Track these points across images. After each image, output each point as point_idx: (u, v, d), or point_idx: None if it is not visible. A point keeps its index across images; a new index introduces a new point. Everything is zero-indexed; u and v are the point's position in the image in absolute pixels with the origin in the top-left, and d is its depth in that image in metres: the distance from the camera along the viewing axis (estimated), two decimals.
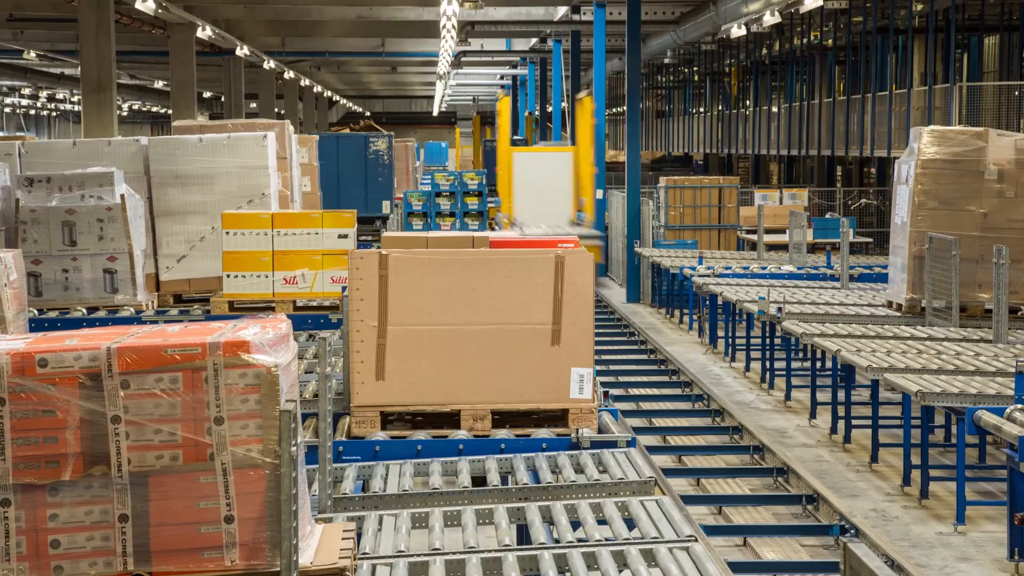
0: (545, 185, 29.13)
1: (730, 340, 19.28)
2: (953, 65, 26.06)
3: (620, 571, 6.05)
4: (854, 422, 14.29)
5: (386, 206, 24.27)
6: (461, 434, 8.58)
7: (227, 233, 13.87)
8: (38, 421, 5.07)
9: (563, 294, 8.33)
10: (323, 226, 13.99)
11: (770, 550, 10.54)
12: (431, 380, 8.38)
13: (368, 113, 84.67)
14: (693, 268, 21.08)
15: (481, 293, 8.36)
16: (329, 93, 67.42)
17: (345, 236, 14.04)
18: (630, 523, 6.72)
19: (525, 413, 8.48)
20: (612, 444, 8.22)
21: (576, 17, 33.78)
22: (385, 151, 23.10)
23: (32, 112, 77.85)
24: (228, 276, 13.83)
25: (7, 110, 72.65)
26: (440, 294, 8.37)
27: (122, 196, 13.48)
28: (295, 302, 13.81)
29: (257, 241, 13.91)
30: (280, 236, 13.91)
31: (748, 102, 41.69)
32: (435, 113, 77.33)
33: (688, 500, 10.78)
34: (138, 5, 24.71)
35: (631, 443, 8.25)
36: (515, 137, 40.70)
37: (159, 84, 60.67)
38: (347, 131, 32.22)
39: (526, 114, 46.08)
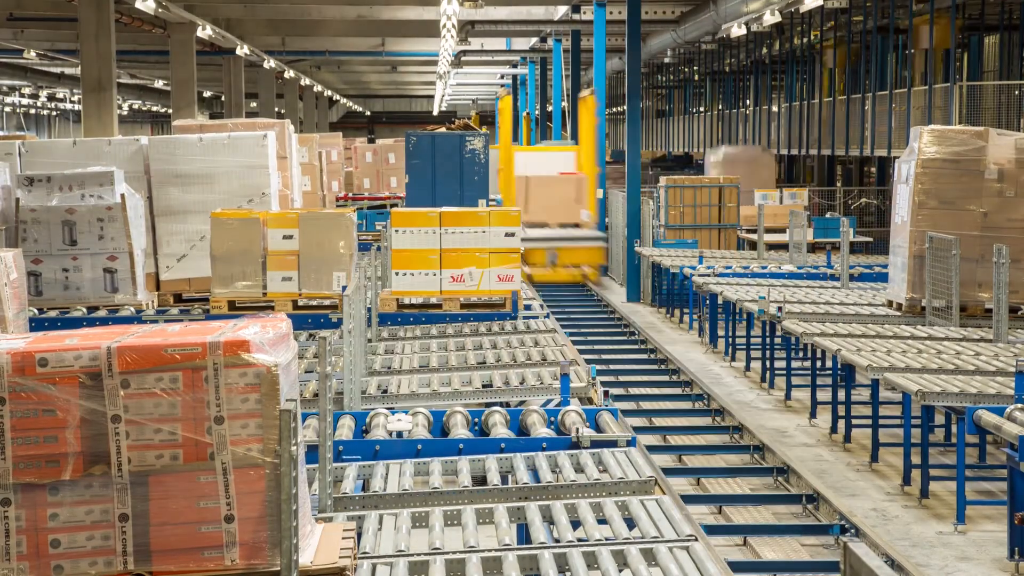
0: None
1: (730, 339, 19.27)
2: (953, 64, 26.05)
3: (620, 570, 6.05)
4: (854, 421, 14.29)
5: (482, 204, 24.42)
6: (462, 433, 8.59)
7: (396, 231, 14.00)
8: (38, 420, 5.07)
9: None
10: (490, 224, 14.12)
11: (770, 549, 10.54)
12: None
13: (368, 112, 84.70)
14: (693, 267, 21.07)
15: None
16: (329, 92, 67.42)
17: (512, 234, 14.19)
18: (630, 522, 6.72)
19: None
20: (612, 443, 8.22)
21: (576, 16, 33.79)
22: (481, 150, 23.11)
23: (32, 111, 77.85)
24: (396, 274, 13.98)
25: (7, 109, 72.65)
26: None
27: (122, 195, 13.48)
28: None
29: (425, 239, 14.02)
30: (448, 234, 14.03)
31: (748, 101, 41.70)
32: (435, 113, 77.32)
33: (688, 499, 10.78)
34: (138, 4, 24.71)
35: (631, 442, 8.25)
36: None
37: (159, 83, 60.70)
38: (443, 130, 32.16)
39: (524, 114, 46.06)
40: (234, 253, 13.71)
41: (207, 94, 65.99)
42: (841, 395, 14.37)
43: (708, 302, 20.52)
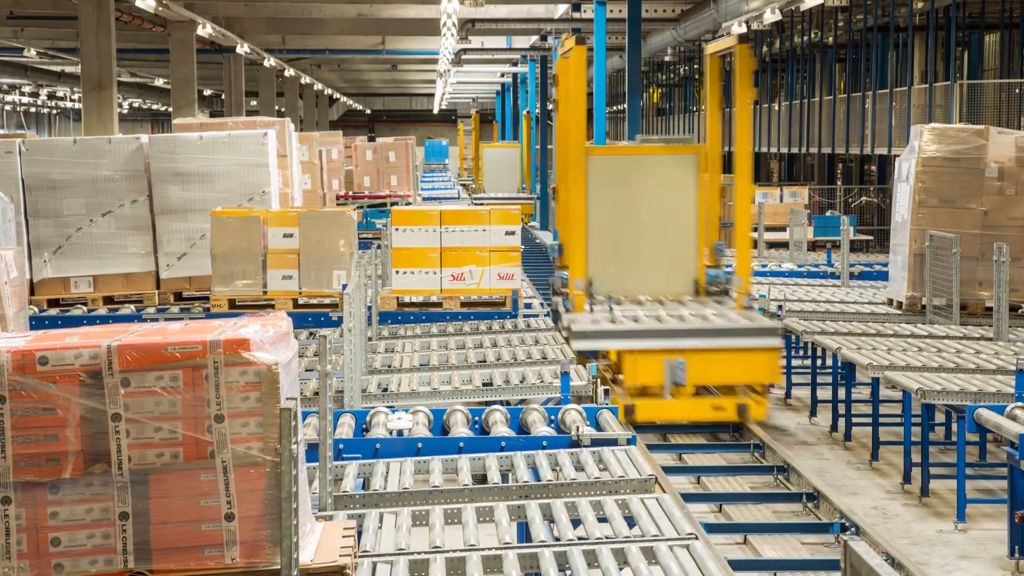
0: (652, 215, 15.73)
1: None
2: (953, 63, 26.05)
3: (620, 569, 6.05)
4: (854, 420, 14.28)
5: None
6: (462, 431, 8.59)
7: (396, 230, 14.02)
8: (38, 419, 5.07)
9: None
10: (491, 223, 14.13)
11: (770, 548, 10.54)
12: None
13: (369, 111, 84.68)
14: None
15: None
16: (329, 91, 67.40)
17: (512, 233, 14.18)
18: (630, 521, 6.72)
19: None
20: (612, 442, 8.22)
21: (576, 15, 33.78)
22: None
23: (32, 110, 77.83)
24: (396, 272, 14.00)
25: (7, 108, 72.64)
26: None
27: None
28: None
29: (425, 238, 14.03)
30: (448, 232, 14.05)
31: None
32: (435, 111, 77.31)
33: (688, 498, 10.78)
34: (138, 3, 24.70)
35: (631, 441, 8.25)
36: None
37: (159, 82, 60.69)
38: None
39: (523, 112, 46.08)
40: (234, 252, 13.71)
41: (207, 92, 65.98)
42: (841, 393, 14.37)
43: None
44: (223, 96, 50.45)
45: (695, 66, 48.09)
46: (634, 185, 15.30)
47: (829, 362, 15.89)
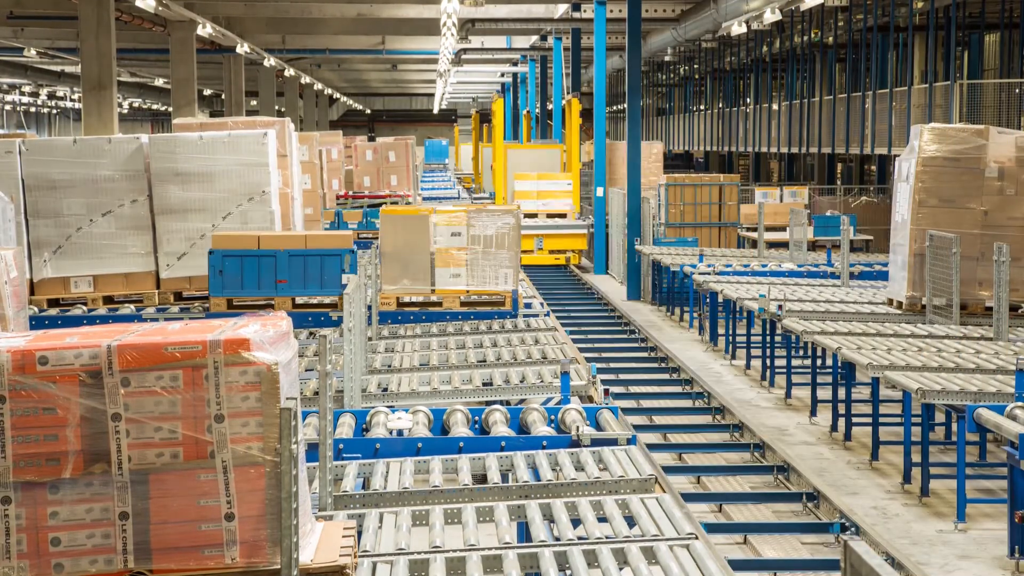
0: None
1: (730, 338, 19.27)
2: (953, 63, 26.05)
3: (620, 569, 6.05)
4: (854, 420, 14.29)
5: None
6: (462, 431, 8.59)
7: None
8: (38, 419, 5.07)
9: None
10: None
11: (770, 548, 10.54)
12: None
13: (368, 111, 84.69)
14: (693, 266, 21.07)
15: None
16: (329, 91, 67.41)
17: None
18: (630, 521, 6.71)
19: None
20: (612, 442, 8.22)
21: (576, 15, 33.80)
22: None
23: (32, 110, 77.85)
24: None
25: (7, 108, 72.64)
26: None
27: None
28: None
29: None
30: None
31: (748, 99, 41.68)
32: (435, 111, 77.33)
33: (688, 498, 10.78)
34: (138, 2, 24.70)
35: (631, 441, 8.25)
36: None
37: (159, 82, 60.70)
38: None
39: (524, 112, 46.11)
40: (403, 250, 14.12)
41: (207, 92, 65.99)
42: (841, 393, 14.37)
43: (708, 300, 20.53)
44: (223, 96, 50.46)
45: (695, 66, 48.11)
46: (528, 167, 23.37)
47: (829, 362, 15.89)
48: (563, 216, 30.80)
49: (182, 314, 13.88)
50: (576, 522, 6.71)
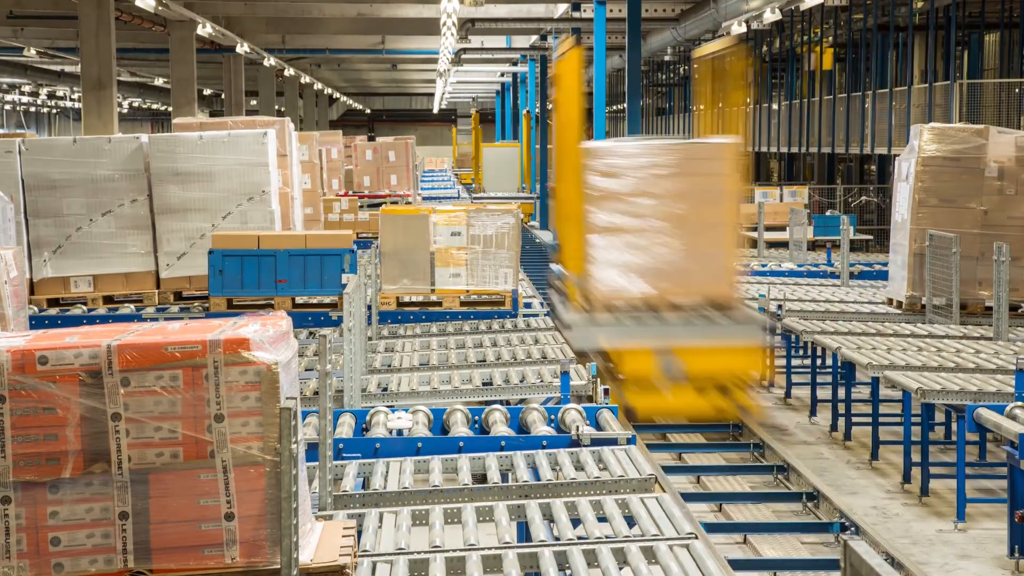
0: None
1: None
2: (953, 62, 26.04)
3: (620, 568, 6.05)
4: (854, 419, 14.28)
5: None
6: (462, 431, 8.59)
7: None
8: (38, 419, 5.07)
9: None
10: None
11: (770, 547, 10.54)
12: None
13: (368, 110, 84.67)
14: None
15: None
16: (329, 90, 67.39)
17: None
18: (630, 520, 6.71)
19: None
20: (612, 441, 8.22)
21: (576, 14, 33.77)
22: None
23: (32, 109, 77.83)
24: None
25: (7, 107, 72.63)
26: None
27: None
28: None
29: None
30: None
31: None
32: (435, 111, 77.30)
33: (688, 497, 10.78)
34: (138, 2, 24.69)
35: (631, 440, 8.25)
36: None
37: (159, 81, 60.65)
38: None
39: (523, 112, 46.11)
40: (403, 250, 14.11)
41: (207, 92, 65.97)
42: (841, 393, 14.37)
43: None
44: (223, 96, 50.43)
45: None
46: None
47: (829, 362, 15.88)
48: None
49: (182, 314, 13.88)
50: (576, 522, 6.71)
